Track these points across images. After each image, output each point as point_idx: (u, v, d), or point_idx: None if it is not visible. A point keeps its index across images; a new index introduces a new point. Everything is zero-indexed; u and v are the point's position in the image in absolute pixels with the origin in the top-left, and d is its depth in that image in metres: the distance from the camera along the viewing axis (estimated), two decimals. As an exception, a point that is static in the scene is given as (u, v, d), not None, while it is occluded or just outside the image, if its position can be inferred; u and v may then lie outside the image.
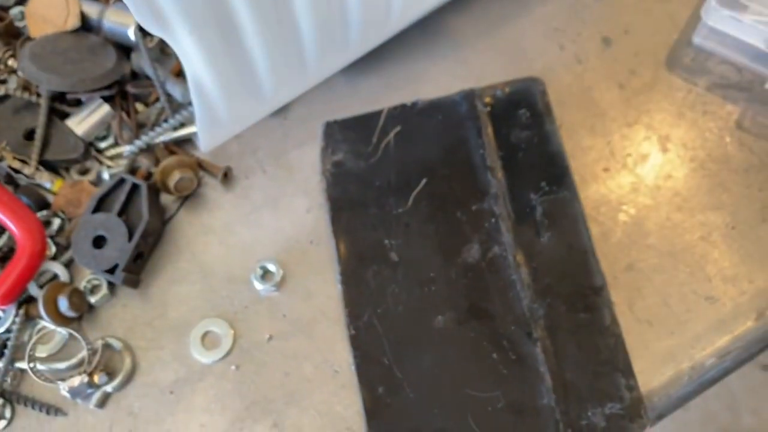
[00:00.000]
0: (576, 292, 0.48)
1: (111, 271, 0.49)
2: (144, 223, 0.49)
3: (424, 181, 0.51)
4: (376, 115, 0.54)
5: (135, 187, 0.50)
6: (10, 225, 0.48)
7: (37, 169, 0.52)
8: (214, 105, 0.47)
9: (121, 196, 0.50)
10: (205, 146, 0.51)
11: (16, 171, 0.52)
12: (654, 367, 0.47)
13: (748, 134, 0.54)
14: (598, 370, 0.46)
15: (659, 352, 0.48)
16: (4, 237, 0.50)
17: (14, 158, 0.51)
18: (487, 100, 0.53)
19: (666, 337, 0.48)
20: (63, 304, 0.48)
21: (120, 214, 0.50)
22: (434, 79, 0.57)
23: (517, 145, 0.52)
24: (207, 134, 0.50)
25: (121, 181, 0.50)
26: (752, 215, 0.51)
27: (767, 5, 0.52)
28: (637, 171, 0.53)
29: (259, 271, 0.50)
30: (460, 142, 0.53)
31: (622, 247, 0.50)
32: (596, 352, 0.47)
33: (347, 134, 0.53)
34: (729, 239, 0.51)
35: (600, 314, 0.48)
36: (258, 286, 0.50)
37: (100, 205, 0.50)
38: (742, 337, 0.49)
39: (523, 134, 0.52)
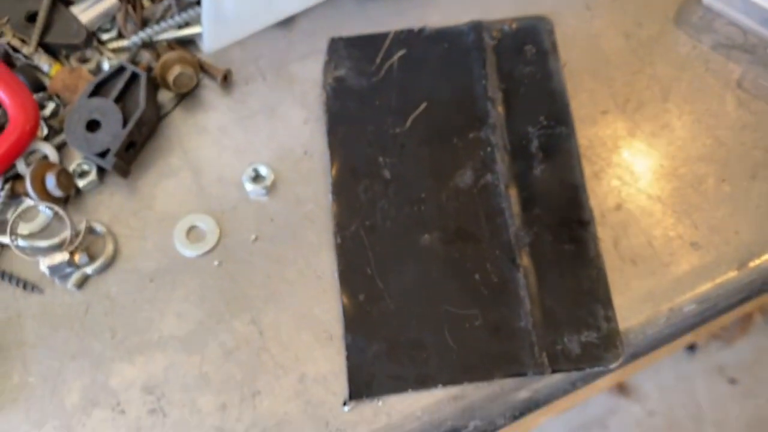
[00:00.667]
0: (563, 223, 0.48)
1: (102, 155, 0.48)
2: (140, 112, 0.49)
3: (424, 105, 0.52)
4: (383, 36, 0.54)
5: (134, 77, 0.50)
6: (4, 98, 0.48)
7: (36, 50, 0.51)
8: (222, 1, 0.47)
9: (120, 83, 0.50)
10: (208, 46, 0.51)
11: (15, 50, 0.51)
12: (633, 305, 0.48)
13: (747, 94, 0.54)
14: (577, 299, 0.47)
15: (640, 291, 0.48)
16: (-3, 113, 0.50)
17: (14, 36, 0.51)
18: (495, 33, 0.54)
19: (647, 277, 0.49)
20: (50, 182, 0.47)
21: (117, 101, 0.49)
22: (443, 10, 0.57)
23: (519, 80, 0.53)
24: (212, 32, 0.49)
25: (121, 69, 0.50)
26: (743, 171, 0.52)
27: (779, -30, 0.53)
28: (635, 117, 0.53)
29: (251, 173, 0.50)
30: (463, 71, 0.53)
31: (612, 188, 0.51)
32: (578, 282, 0.47)
33: (352, 51, 0.53)
34: (719, 191, 0.51)
35: (585, 247, 0.48)
36: (248, 187, 0.50)
37: (98, 91, 0.50)
38: (723, 286, 0.49)
39: (527, 69, 0.53)
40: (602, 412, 1.16)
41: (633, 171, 0.51)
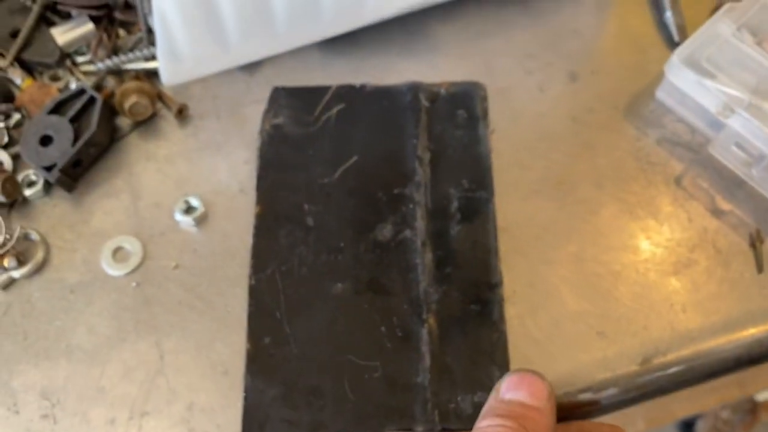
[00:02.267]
0: (472, 284, 0.50)
1: (49, 168, 0.52)
2: (90, 133, 0.52)
3: (355, 158, 0.54)
4: (324, 89, 0.57)
5: (92, 100, 0.54)
6: (-30, 105, 0.52)
7: (12, 63, 0.55)
8: (177, 40, 0.50)
9: (78, 104, 0.53)
10: (165, 80, 0.54)
11: (-7, 61, 0.55)
12: (528, 384, 0.48)
13: (684, 192, 0.55)
14: (476, 359, 0.48)
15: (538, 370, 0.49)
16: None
17: (-6, 49, 0.55)
18: (431, 95, 0.56)
19: (548, 359, 0.49)
20: (-4, 186, 0.51)
21: (72, 121, 0.53)
22: (401, 74, 0.59)
23: (448, 142, 0.54)
24: (167, 67, 0.53)
25: (81, 92, 0.54)
26: (663, 267, 0.52)
27: (731, 76, 0.54)
28: (566, 199, 0.54)
29: (183, 205, 0.52)
30: (397, 129, 0.55)
31: (530, 265, 0.52)
32: (478, 343, 0.48)
33: (292, 101, 0.56)
34: (634, 284, 0.51)
35: (489, 309, 0.49)
36: (179, 217, 0.52)
37: (57, 109, 0.53)
38: (623, 379, 0.49)
39: (456, 133, 0.55)
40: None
41: (553, 252, 0.52)
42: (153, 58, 0.57)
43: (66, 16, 0.58)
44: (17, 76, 0.56)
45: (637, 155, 0.57)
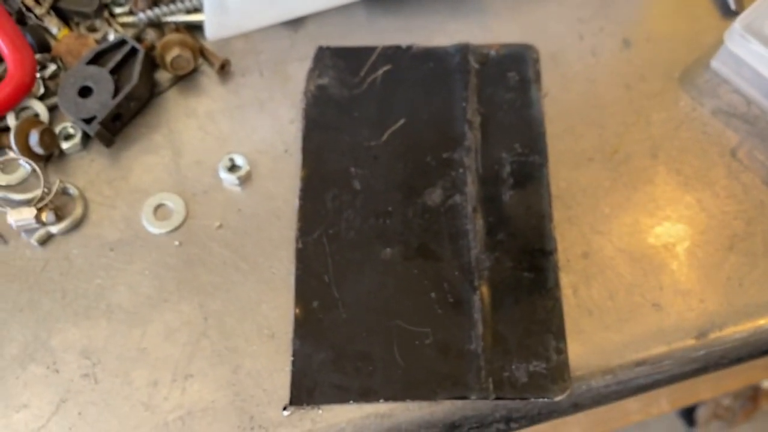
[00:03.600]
0: (525, 251, 0.48)
1: (88, 121, 0.50)
2: (131, 86, 0.50)
3: (402, 121, 0.52)
4: (370, 50, 0.55)
5: (133, 52, 0.51)
6: (6, 51, 0.50)
7: (48, 12, 0.53)
8: (226, -10, 0.48)
9: (118, 56, 0.51)
10: (209, 33, 0.52)
11: (28, 9, 0.53)
12: (582, 355, 0.47)
13: (739, 164, 0.53)
14: (530, 327, 0.46)
15: (592, 343, 0.47)
16: (-1, 66, 0.52)
17: (30, -5, 0.53)
18: (480, 57, 0.54)
19: (602, 330, 0.48)
20: (34, 138, 0.49)
21: (113, 72, 0.51)
22: (450, 35, 0.57)
23: (499, 105, 0.53)
24: (213, 21, 0.51)
25: (122, 43, 0.51)
26: (720, 240, 0.51)
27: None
28: (620, 168, 0.53)
29: (227, 162, 0.51)
30: (445, 91, 0.53)
31: (583, 234, 0.50)
32: (532, 311, 0.47)
33: (337, 62, 0.54)
34: (691, 256, 0.50)
35: (544, 276, 0.48)
36: (222, 175, 0.50)
37: (97, 60, 0.51)
38: (678, 353, 0.48)
39: (508, 96, 0.53)
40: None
41: (607, 222, 0.51)
42: (195, 10, 0.54)
43: (104, -36, 0.56)
44: (53, 26, 0.53)
45: (692, 125, 0.55)
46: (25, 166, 0.50)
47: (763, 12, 0.53)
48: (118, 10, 0.55)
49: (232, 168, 0.51)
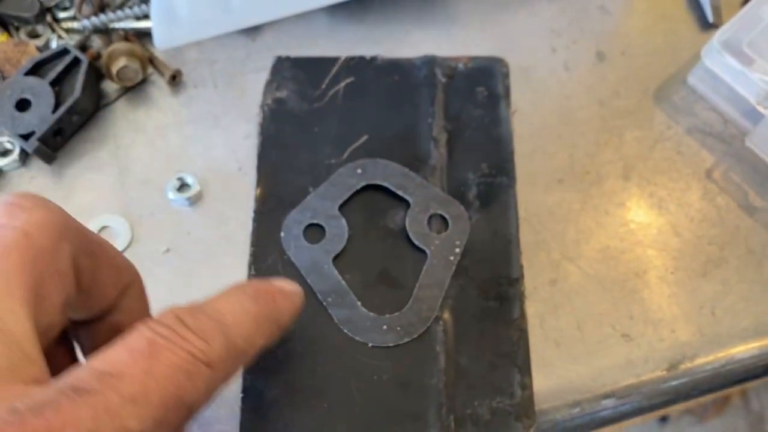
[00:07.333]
0: (491, 278, 0.46)
1: (26, 137, 0.46)
2: (73, 99, 0.47)
3: (365, 137, 0.49)
4: (332, 60, 0.52)
5: (76, 62, 0.48)
6: (-64, 62, 0.46)
7: (-15, 18, 0.49)
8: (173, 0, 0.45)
9: (60, 66, 0.48)
10: (159, 42, 0.49)
11: (-37, 14, 0.49)
12: (549, 389, 0.45)
13: (714, 185, 0.51)
14: (495, 361, 0.44)
15: (557, 376, 0.45)
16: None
17: (-36, 0, 0.49)
18: (448, 70, 0.51)
19: (569, 363, 0.46)
20: (-34, 156, 0.45)
21: (54, 84, 0.47)
22: (415, 45, 0.54)
23: (466, 122, 0.50)
24: (162, 28, 0.47)
25: (64, 52, 0.48)
26: (693, 267, 0.49)
27: (771, 62, 0.50)
28: (591, 190, 0.51)
29: (176, 182, 0.48)
30: (410, 106, 0.51)
31: (551, 260, 0.48)
32: (497, 343, 0.44)
33: (297, 73, 0.51)
34: (663, 283, 0.48)
35: (509, 306, 0.45)
36: (171, 195, 0.47)
37: (36, 70, 0.48)
38: (648, 385, 0.46)
39: (476, 112, 0.51)
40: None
41: (576, 247, 0.49)
42: (145, 16, 0.51)
43: (46, -34, 0.52)
44: (-9, 32, 0.50)
45: (666, 145, 0.53)
46: (-42, 184, 0.46)
47: (741, 27, 0.51)
48: (62, 14, 0.52)
49: (182, 188, 0.48)
